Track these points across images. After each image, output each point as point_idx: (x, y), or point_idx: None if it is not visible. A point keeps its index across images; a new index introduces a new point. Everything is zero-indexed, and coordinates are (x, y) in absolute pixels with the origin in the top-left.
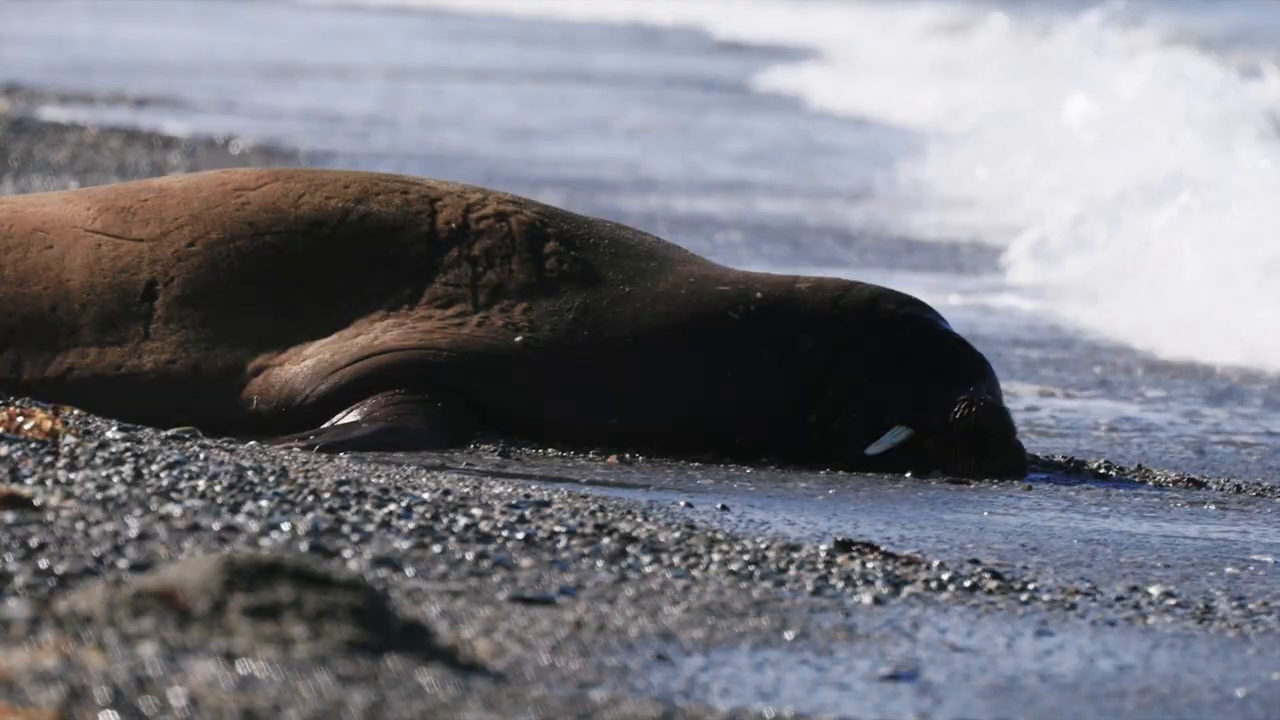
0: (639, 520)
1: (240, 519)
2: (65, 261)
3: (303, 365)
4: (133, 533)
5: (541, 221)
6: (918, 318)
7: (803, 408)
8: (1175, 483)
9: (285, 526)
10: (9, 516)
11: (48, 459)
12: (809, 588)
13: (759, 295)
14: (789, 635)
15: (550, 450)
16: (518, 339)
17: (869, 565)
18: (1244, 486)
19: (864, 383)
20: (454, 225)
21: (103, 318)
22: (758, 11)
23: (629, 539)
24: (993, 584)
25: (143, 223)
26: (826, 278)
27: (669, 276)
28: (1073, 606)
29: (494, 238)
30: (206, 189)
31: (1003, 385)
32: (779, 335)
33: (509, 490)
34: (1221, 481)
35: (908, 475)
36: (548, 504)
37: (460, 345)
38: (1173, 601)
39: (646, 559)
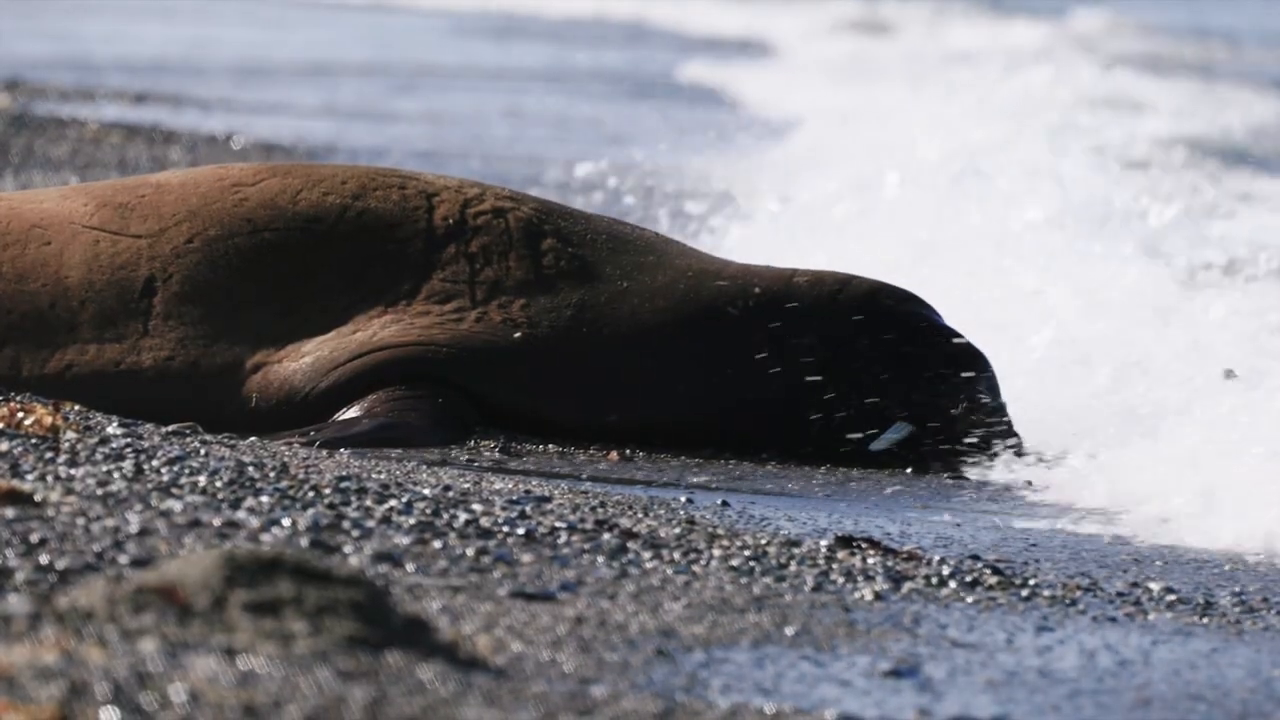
0: (640, 516)
1: (241, 515)
2: (63, 258)
3: (302, 362)
4: (133, 528)
5: (539, 217)
6: (916, 313)
7: (802, 403)
8: None
9: (286, 522)
10: (9, 512)
11: (48, 455)
12: (809, 584)
13: (757, 290)
14: (790, 631)
15: (551, 446)
16: (516, 335)
17: (869, 561)
18: None
19: (863, 378)
20: (451, 221)
21: (101, 314)
22: (717, 8)
23: (630, 535)
24: (993, 580)
25: (141, 219)
26: (825, 271)
27: (667, 271)
28: (1073, 602)
29: (491, 234)
30: (204, 185)
31: None
32: (778, 331)
33: (509, 486)
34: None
35: (908, 471)
36: (548, 500)
37: (459, 341)
38: (1173, 597)
39: (647, 555)
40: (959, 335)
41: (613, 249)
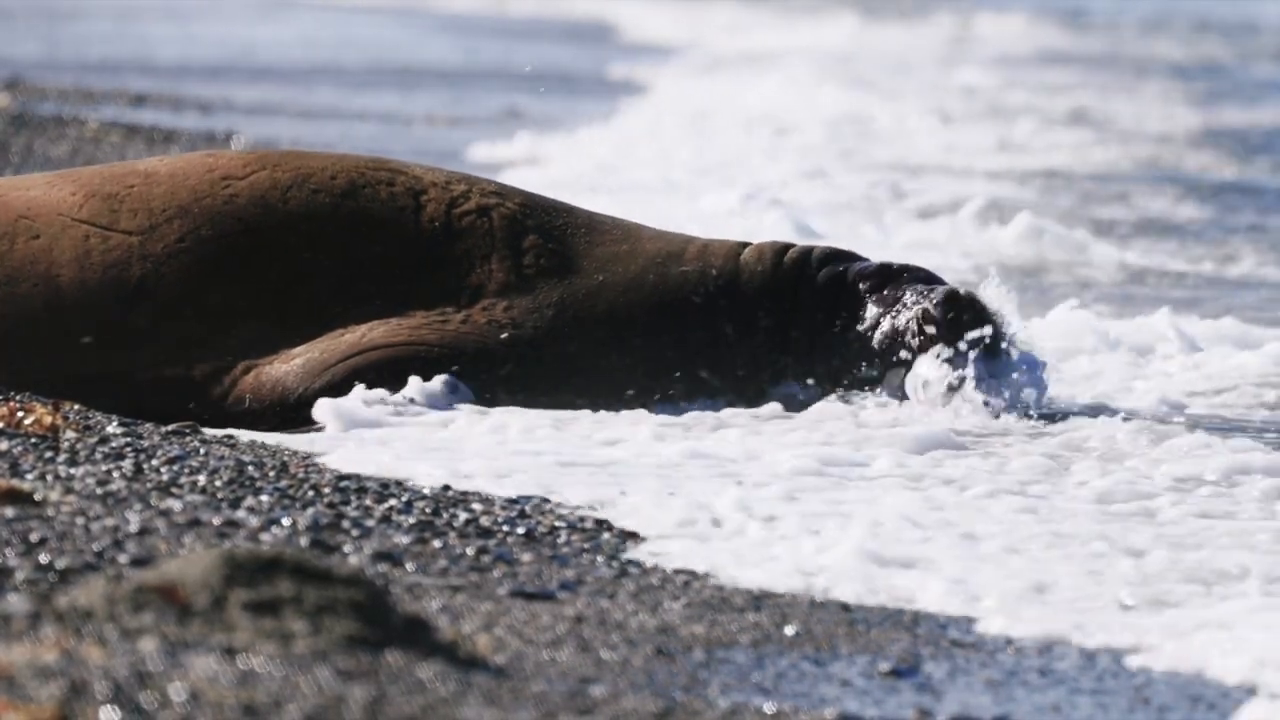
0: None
1: (241, 514)
2: (53, 255)
3: (293, 364)
4: (133, 528)
5: (522, 214)
6: (847, 265)
7: (771, 374)
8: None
9: (285, 521)
10: (9, 512)
11: (48, 454)
12: None
13: (714, 273)
14: (789, 631)
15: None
16: (503, 335)
17: None
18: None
19: (818, 337)
20: (437, 224)
21: (95, 317)
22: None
23: (629, 534)
24: None
25: (130, 213)
26: (765, 243)
27: (638, 260)
28: None
29: (476, 236)
30: (194, 176)
31: None
32: (737, 312)
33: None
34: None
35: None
36: (548, 499)
37: (449, 341)
38: None
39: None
40: (890, 265)
41: (589, 241)
